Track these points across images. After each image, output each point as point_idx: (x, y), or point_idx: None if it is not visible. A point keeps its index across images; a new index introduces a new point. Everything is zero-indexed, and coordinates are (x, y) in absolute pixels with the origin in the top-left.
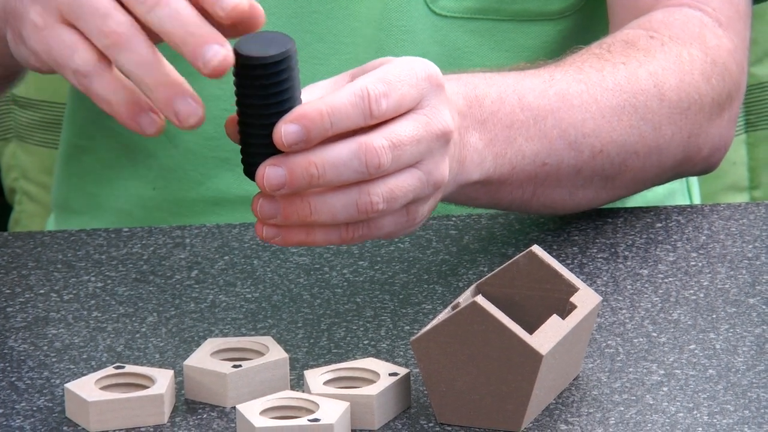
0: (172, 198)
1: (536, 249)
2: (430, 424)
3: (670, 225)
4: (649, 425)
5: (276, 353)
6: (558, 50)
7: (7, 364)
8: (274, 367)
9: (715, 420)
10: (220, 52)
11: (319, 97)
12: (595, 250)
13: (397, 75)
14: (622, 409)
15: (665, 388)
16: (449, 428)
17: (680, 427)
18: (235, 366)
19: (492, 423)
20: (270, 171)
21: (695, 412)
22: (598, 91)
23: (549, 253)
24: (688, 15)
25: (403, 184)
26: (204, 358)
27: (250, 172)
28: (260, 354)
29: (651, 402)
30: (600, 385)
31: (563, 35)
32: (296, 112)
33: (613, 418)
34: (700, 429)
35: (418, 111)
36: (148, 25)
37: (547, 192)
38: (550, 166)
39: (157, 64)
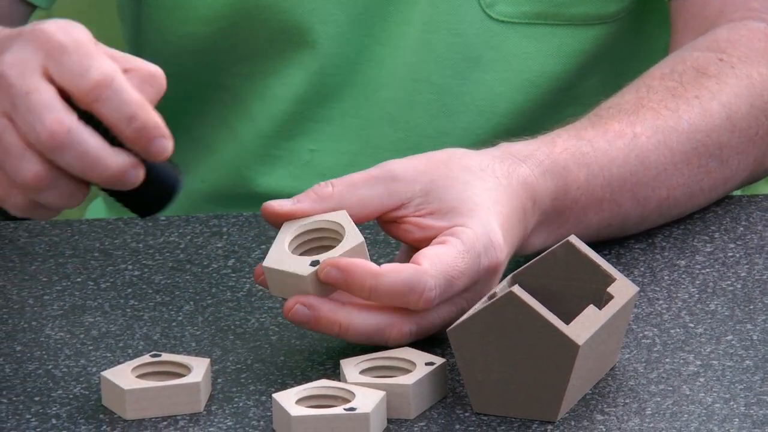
0: (222, 192)
1: (573, 239)
2: (466, 414)
3: (707, 215)
4: (686, 416)
5: (352, 238)
6: (610, 54)
7: (43, 352)
8: (351, 256)
9: (751, 411)
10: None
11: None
12: (632, 241)
13: (460, 270)
14: (659, 399)
15: (702, 379)
16: (485, 418)
17: (716, 417)
18: (312, 264)
19: (528, 413)
20: (299, 309)
21: (732, 402)
22: (674, 137)
23: (586, 243)
24: (752, 29)
25: (442, 313)
26: (283, 256)
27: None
28: (337, 236)
29: (687, 393)
30: (636, 376)
31: (615, 38)
32: (343, 262)
33: (649, 409)
34: (737, 420)
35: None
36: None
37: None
38: (614, 227)
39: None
